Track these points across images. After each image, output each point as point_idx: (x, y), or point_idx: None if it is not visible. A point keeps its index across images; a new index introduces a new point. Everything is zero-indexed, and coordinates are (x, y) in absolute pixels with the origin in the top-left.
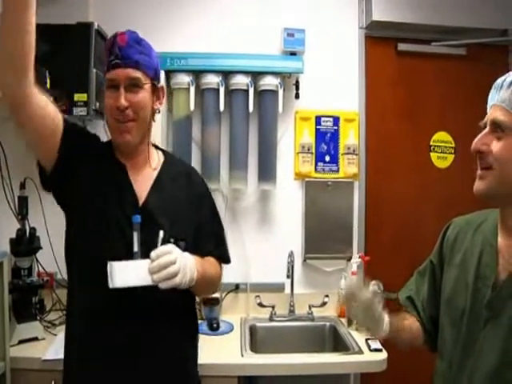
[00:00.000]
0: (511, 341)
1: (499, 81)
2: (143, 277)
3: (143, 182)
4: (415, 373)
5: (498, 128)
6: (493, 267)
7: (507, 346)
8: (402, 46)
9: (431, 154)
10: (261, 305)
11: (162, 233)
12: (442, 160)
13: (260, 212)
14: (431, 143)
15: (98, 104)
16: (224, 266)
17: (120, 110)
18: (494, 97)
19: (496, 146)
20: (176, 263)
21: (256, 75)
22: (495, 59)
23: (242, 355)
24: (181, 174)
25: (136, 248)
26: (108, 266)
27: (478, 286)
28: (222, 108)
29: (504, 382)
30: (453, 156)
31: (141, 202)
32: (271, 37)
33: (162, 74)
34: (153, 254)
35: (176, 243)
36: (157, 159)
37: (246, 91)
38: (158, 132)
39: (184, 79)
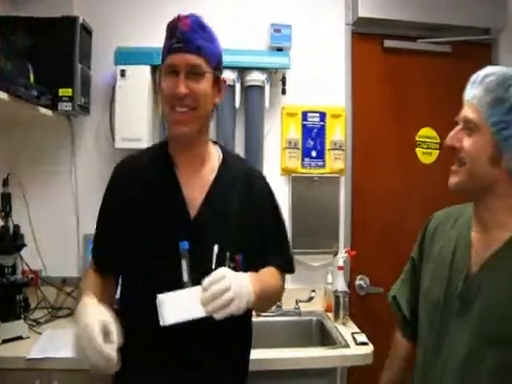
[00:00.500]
0: (480, 332)
1: (474, 76)
2: (196, 309)
3: (197, 186)
4: None
5: (469, 125)
6: (465, 260)
7: (476, 337)
8: (388, 43)
9: (417, 149)
10: None
11: (216, 248)
12: (427, 155)
13: None
14: (417, 139)
15: (83, 99)
16: None
17: (179, 97)
18: (468, 93)
19: (466, 142)
20: (231, 289)
21: (243, 71)
22: (479, 56)
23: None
24: (240, 177)
25: (186, 278)
26: (156, 300)
27: (451, 278)
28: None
29: (473, 371)
30: (438, 152)
31: (192, 212)
32: (258, 32)
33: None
34: (205, 282)
35: (232, 257)
36: (215, 159)
37: (233, 87)
38: (144, 127)
39: None
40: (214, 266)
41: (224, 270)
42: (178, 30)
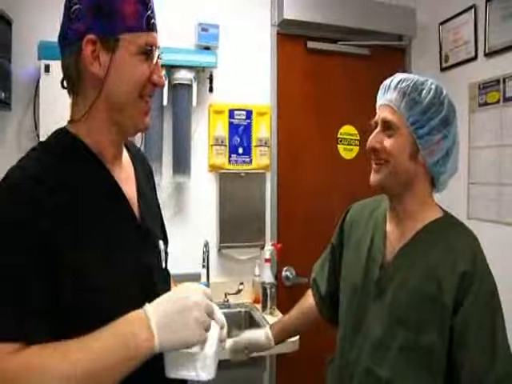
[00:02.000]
0: (391, 314)
1: (387, 81)
2: (219, 349)
3: (128, 182)
4: (325, 351)
5: (388, 126)
6: (381, 250)
7: (388, 318)
8: (311, 44)
9: (338, 145)
10: None
11: (161, 244)
12: (348, 151)
13: (175, 204)
14: (338, 136)
15: (3, 94)
16: None
17: (159, 87)
18: (383, 97)
19: (387, 143)
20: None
21: (170, 69)
22: (394, 60)
23: None
24: (140, 161)
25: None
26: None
27: (368, 266)
28: (165, 102)
29: (385, 348)
30: (358, 148)
31: (135, 213)
32: (186, 31)
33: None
34: (222, 321)
35: (166, 247)
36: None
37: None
38: None
39: None
40: (164, 264)
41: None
42: (151, 1)
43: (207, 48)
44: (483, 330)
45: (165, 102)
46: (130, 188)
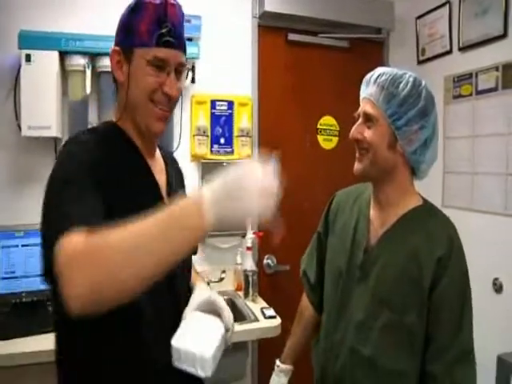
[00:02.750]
0: (374, 295)
1: (368, 76)
2: (222, 347)
3: (159, 171)
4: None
5: (368, 118)
6: (365, 235)
7: (372, 299)
8: (292, 36)
9: (318, 136)
10: None
11: None
12: (327, 142)
13: None
14: (318, 126)
15: None
16: None
17: (170, 98)
18: (364, 91)
19: (368, 134)
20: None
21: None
22: (373, 53)
23: None
24: (170, 159)
25: None
26: (196, 356)
27: (353, 250)
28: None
29: (368, 328)
30: (337, 138)
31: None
32: None
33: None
34: (229, 322)
35: None
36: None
37: None
38: (54, 114)
39: (80, 61)
40: None
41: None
42: (169, 20)
43: (189, 39)
44: (453, 311)
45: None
46: (161, 178)
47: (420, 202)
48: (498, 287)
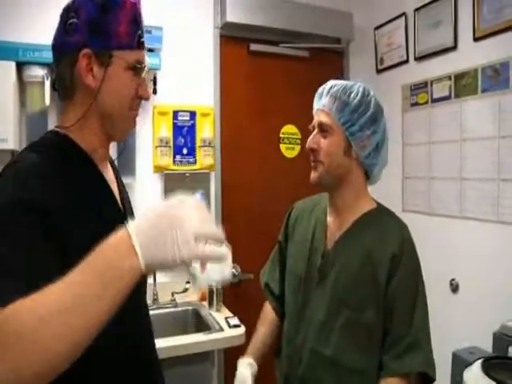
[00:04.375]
0: (333, 296)
1: (320, 89)
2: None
3: (111, 180)
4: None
5: (323, 128)
6: (322, 240)
7: (331, 301)
8: (253, 46)
9: (281, 145)
10: None
11: None
12: (290, 150)
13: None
14: (280, 135)
15: None
16: None
17: (144, 100)
18: (318, 102)
19: (323, 143)
20: None
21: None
22: (332, 62)
23: None
24: (112, 163)
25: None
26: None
27: (311, 256)
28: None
29: (329, 329)
30: (299, 146)
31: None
32: None
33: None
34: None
35: None
36: None
37: None
38: (11, 126)
39: (38, 72)
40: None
41: None
42: (141, 20)
43: (151, 50)
44: (406, 304)
45: (48, 102)
46: (114, 188)
47: (374, 206)
48: (454, 287)
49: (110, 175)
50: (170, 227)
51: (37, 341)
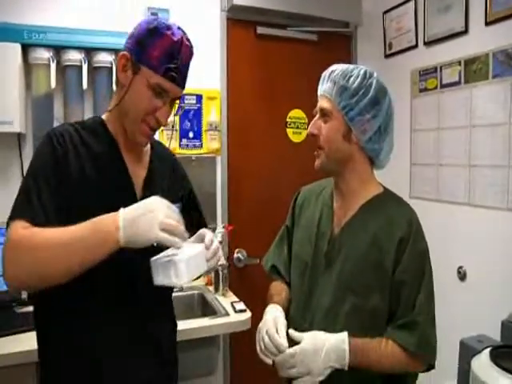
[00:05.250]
0: (340, 282)
1: (323, 74)
2: (202, 264)
3: (138, 168)
4: None
5: (324, 113)
6: (329, 226)
7: (337, 287)
8: (260, 30)
9: (287, 129)
10: None
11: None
12: (297, 135)
13: None
14: (287, 119)
15: None
16: None
17: (159, 123)
18: (321, 88)
19: (324, 129)
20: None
21: (119, 53)
22: (340, 46)
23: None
24: (166, 159)
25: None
26: (170, 263)
27: (318, 241)
28: (85, 86)
29: (335, 315)
30: (306, 131)
31: (138, 193)
32: (135, 15)
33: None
34: (208, 241)
35: None
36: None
37: (110, 69)
38: (16, 109)
39: (44, 55)
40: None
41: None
42: (180, 58)
43: None
44: (411, 287)
45: (114, 87)
46: (137, 170)
47: (380, 190)
48: (462, 275)
49: (138, 161)
50: (146, 212)
51: (45, 256)
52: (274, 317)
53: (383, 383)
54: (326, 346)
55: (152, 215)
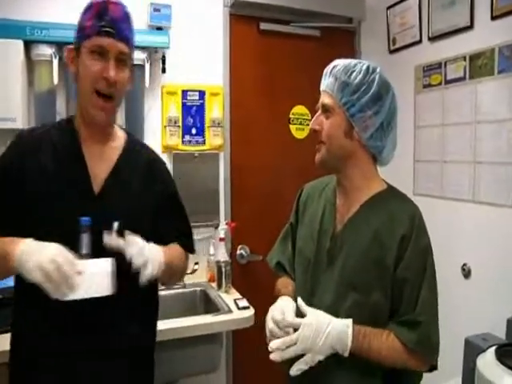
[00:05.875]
0: (341, 279)
1: (326, 69)
2: (105, 285)
3: (102, 163)
4: None
5: (326, 109)
6: (331, 222)
7: (339, 283)
8: (263, 25)
9: (290, 125)
10: None
11: (116, 224)
12: (300, 131)
13: None
14: (290, 116)
15: None
16: None
17: (109, 82)
18: (323, 83)
19: (326, 124)
20: (144, 253)
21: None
22: (344, 42)
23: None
24: (142, 159)
25: (85, 250)
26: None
27: (320, 238)
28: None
29: (336, 311)
30: (309, 127)
31: (96, 188)
32: (137, 11)
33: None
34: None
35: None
36: (120, 141)
37: None
38: (19, 105)
39: (46, 51)
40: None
41: (138, 238)
42: (109, 15)
43: (159, 28)
44: (411, 285)
45: None
46: (99, 165)
47: (383, 187)
48: (466, 272)
49: (99, 153)
50: (34, 253)
51: None
52: (280, 304)
53: (384, 380)
54: (330, 325)
55: (35, 258)
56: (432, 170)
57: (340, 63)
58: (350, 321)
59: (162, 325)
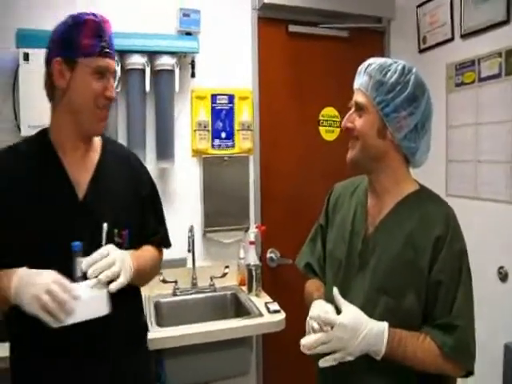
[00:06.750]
0: (372, 283)
1: (360, 67)
2: (102, 306)
3: (83, 168)
4: None
5: (359, 107)
6: (363, 224)
7: (370, 288)
8: (292, 28)
9: (320, 127)
10: (164, 281)
11: (105, 226)
12: (329, 133)
13: (159, 190)
14: (320, 118)
15: None
16: None
17: (111, 100)
18: (357, 81)
19: (358, 122)
20: (116, 263)
21: (152, 55)
22: (373, 42)
23: (149, 330)
24: (121, 158)
25: (79, 273)
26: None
27: (352, 240)
28: (118, 88)
29: (369, 317)
30: (339, 129)
31: (80, 194)
32: (167, 17)
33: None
34: (86, 267)
35: (119, 233)
36: (97, 143)
37: (143, 71)
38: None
39: None
40: (104, 243)
41: (107, 247)
42: (106, 33)
43: (189, 33)
44: (447, 289)
45: (147, 89)
46: (81, 172)
47: (416, 188)
48: (503, 276)
49: (80, 163)
50: (29, 285)
51: None
52: (321, 304)
53: None
54: (367, 328)
55: (30, 291)
56: (465, 171)
57: (375, 62)
58: (385, 324)
59: (192, 328)
